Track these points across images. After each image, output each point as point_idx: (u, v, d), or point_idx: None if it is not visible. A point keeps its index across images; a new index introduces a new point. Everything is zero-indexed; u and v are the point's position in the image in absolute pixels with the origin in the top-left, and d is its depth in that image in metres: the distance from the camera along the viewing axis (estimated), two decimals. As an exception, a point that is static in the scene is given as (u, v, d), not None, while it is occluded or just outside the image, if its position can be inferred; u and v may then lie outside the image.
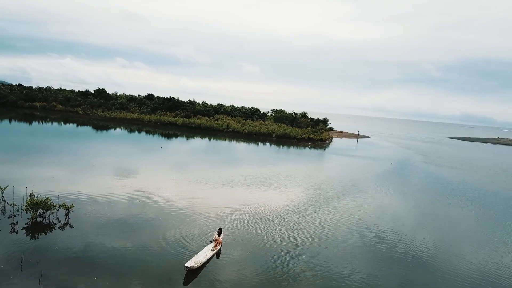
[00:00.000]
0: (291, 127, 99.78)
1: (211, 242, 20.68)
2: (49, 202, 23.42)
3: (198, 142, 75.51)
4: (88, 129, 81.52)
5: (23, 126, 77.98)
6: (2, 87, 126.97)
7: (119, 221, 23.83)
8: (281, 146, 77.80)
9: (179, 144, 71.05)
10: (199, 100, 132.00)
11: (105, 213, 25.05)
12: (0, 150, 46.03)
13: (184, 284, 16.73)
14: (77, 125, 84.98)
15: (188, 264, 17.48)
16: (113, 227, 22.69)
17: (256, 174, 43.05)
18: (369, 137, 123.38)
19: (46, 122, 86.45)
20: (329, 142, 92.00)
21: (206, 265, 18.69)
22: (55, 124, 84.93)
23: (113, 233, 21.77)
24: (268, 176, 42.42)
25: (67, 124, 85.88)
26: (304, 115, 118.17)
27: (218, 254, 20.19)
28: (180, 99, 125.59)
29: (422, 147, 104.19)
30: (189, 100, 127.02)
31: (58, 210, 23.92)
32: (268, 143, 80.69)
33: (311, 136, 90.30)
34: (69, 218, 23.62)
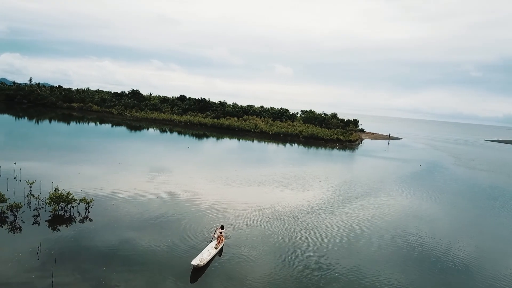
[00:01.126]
0: (319, 128, 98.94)
1: (211, 241, 20.82)
2: (70, 196, 24.62)
3: (224, 142, 76.43)
4: (120, 129, 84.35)
5: (61, 126, 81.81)
6: (43, 88, 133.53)
7: (136, 216, 24.64)
8: (307, 147, 77.37)
9: (206, 144, 72.20)
10: (232, 102, 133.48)
11: (124, 208, 25.96)
12: (36, 148, 48.61)
13: (190, 282, 16.92)
14: (112, 125, 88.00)
15: (194, 262, 17.65)
16: (130, 222, 23.46)
17: (276, 174, 43.13)
18: (401, 138, 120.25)
19: (82, 122, 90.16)
20: (358, 144, 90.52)
21: (212, 263, 18.86)
22: (92, 124, 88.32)
23: (128, 228, 22.53)
24: (288, 176, 42.40)
25: (103, 124, 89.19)
26: (334, 116, 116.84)
27: (220, 251, 20.28)
28: (211, 100, 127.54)
29: (455, 149, 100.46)
30: (219, 101, 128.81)
31: (79, 204, 25.10)
32: (294, 144, 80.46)
33: (340, 137, 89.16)
34: (89, 212, 24.69)
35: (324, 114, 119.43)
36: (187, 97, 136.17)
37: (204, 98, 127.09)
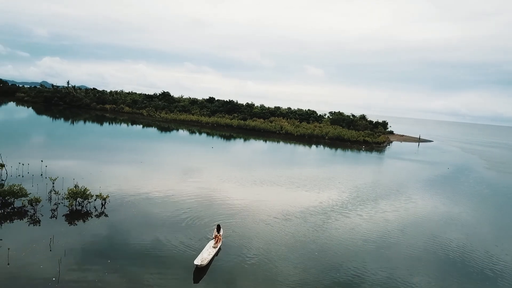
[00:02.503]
0: (346, 130, 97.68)
1: (212, 239, 20.90)
2: (87, 192, 25.71)
3: (247, 143, 76.94)
4: (148, 130, 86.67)
5: (94, 126, 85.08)
6: (78, 90, 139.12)
7: (149, 213, 25.33)
8: (332, 148, 76.62)
9: (229, 145, 72.97)
10: (262, 103, 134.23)
11: (139, 206, 26.71)
12: (65, 147, 50.85)
13: (194, 282, 16.89)
14: (143, 126, 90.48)
15: (196, 262, 17.77)
16: (142, 219, 24.11)
17: (292, 175, 43.05)
18: (432, 141, 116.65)
19: (114, 123, 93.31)
20: (386, 146, 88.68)
21: (215, 262, 19.00)
22: (124, 125, 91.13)
23: (140, 225, 23.19)
24: (305, 177, 42.21)
25: (134, 126, 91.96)
26: (362, 117, 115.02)
27: (219, 250, 20.32)
28: (238, 102, 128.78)
29: (488, 152, 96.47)
30: (247, 103, 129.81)
31: (95, 200, 26.15)
32: (319, 146, 79.89)
33: (366, 139, 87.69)
34: (104, 208, 25.67)
35: (353, 115, 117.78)
36: (216, 99, 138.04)
37: (232, 100, 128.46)
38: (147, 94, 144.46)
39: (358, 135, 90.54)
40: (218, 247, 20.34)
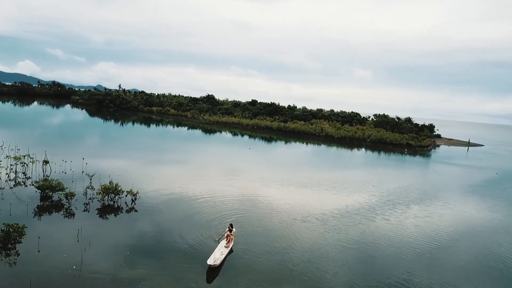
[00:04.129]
0: (388, 133, 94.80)
1: (218, 240, 20.86)
2: (118, 188, 27.17)
3: (284, 145, 77.00)
4: (190, 131, 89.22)
5: (141, 128, 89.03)
6: (127, 93, 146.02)
7: (176, 211, 26.32)
8: (372, 151, 74.77)
9: (267, 146, 73.43)
10: (309, 106, 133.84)
11: (168, 203, 27.74)
12: (108, 146, 53.78)
13: (207, 282, 16.94)
14: (188, 128, 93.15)
15: (209, 262, 17.74)
16: (169, 216, 25.06)
17: (323, 177, 42.55)
18: (483, 145, 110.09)
19: (161, 125, 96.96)
20: (431, 149, 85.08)
21: (227, 262, 19.07)
22: (169, 127, 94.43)
23: (167, 221, 24.18)
24: (336, 179, 41.64)
25: (178, 127, 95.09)
26: (408, 120, 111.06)
27: (231, 250, 20.34)
28: (280, 105, 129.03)
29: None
30: (288, 105, 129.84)
31: (126, 195, 27.57)
32: (360, 148, 78.24)
33: (410, 142, 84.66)
34: (134, 204, 27.00)
35: (398, 118, 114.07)
36: (259, 101, 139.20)
37: (274, 103, 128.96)
38: (191, 96, 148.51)
39: (401, 138, 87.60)
40: (230, 246, 20.38)
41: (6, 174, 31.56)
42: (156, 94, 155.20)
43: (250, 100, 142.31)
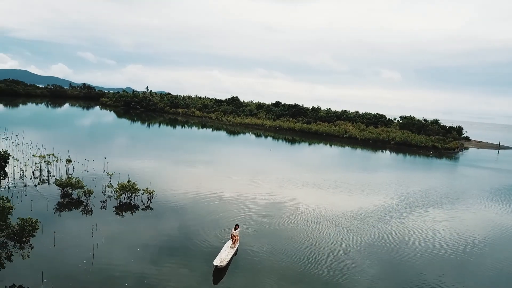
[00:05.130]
0: (414, 135, 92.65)
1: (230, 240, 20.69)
2: (135, 187, 27.90)
3: (306, 146, 76.59)
4: (214, 133, 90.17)
5: (167, 129, 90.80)
6: (154, 95, 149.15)
7: (190, 210, 26.73)
8: (396, 153, 73.32)
9: (288, 148, 73.29)
10: (334, 107, 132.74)
11: (183, 202, 28.21)
12: (130, 147, 55.16)
13: (213, 283, 16.93)
14: (212, 130, 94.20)
15: (216, 263, 17.72)
16: (183, 215, 25.55)
17: (340, 179, 42.10)
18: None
19: (186, 126, 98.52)
20: (458, 152, 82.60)
21: (233, 263, 19.00)
22: (195, 128, 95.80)
23: (180, 219, 24.66)
24: (354, 181, 41.13)
25: (202, 129, 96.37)
26: (435, 122, 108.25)
27: (236, 251, 20.27)
28: (304, 106, 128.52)
29: None
30: (312, 106, 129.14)
31: (142, 194, 28.28)
32: (383, 150, 76.88)
33: (436, 144, 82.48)
34: (150, 202, 27.67)
35: (425, 120, 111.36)
36: (282, 103, 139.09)
37: (297, 104, 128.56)
38: (215, 98, 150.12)
39: (427, 140, 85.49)
40: (236, 247, 20.37)
41: (32, 172, 32.97)
42: (182, 96, 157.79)
43: (274, 102, 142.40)
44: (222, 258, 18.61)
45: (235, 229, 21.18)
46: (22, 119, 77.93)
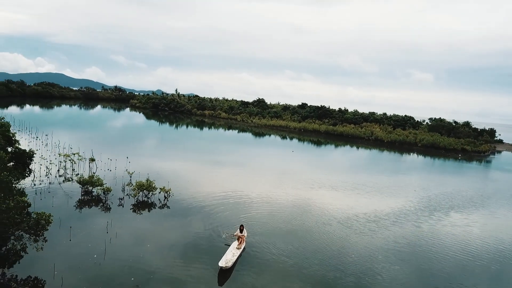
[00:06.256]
0: (443, 137, 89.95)
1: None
2: (152, 185, 28.65)
3: (329, 148, 75.83)
4: (239, 134, 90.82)
5: (193, 130, 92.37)
6: (182, 97, 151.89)
7: (204, 209, 27.16)
8: (424, 156, 71.45)
9: (311, 149, 72.83)
10: (363, 110, 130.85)
11: (200, 202, 28.62)
12: (157, 147, 56.46)
13: (218, 284, 16.86)
14: (238, 131, 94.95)
15: (221, 264, 17.64)
16: (198, 215, 25.87)
17: (359, 181, 41.40)
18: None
19: (212, 128, 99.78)
20: (489, 155, 79.58)
21: (239, 265, 18.89)
22: (220, 129, 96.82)
23: (194, 218, 25.12)
24: (373, 184, 40.38)
25: (228, 130, 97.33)
26: (466, 124, 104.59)
27: (242, 251, 20.23)
28: (332, 108, 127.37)
29: None
30: (339, 108, 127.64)
31: (159, 192, 29.01)
32: (410, 153, 75.10)
33: (465, 147, 79.82)
34: (167, 200, 28.36)
35: (455, 122, 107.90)
36: (309, 104, 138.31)
37: (323, 106, 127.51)
38: (242, 100, 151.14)
39: (456, 143, 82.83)
40: (242, 248, 20.25)
41: (57, 170, 34.43)
42: (209, 98, 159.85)
43: (300, 103, 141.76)
44: (228, 259, 18.55)
45: (241, 230, 21.24)
46: (53, 120, 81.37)
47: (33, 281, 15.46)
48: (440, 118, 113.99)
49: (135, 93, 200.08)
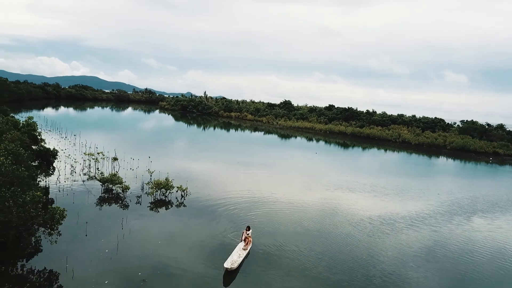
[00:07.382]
0: (475, 140, 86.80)
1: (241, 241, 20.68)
2: (170, 184, 29.37)
3: (353, 151, 74.82)
4: (264, 136, 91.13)
5: (219, 132, 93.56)
6: (210, 99, 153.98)
7: (220, 207, 27.59)
8: (453, 159, 69.29)
9: (335, 151, 72.06)
10: (396, 112, 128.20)
11: (215, 201, 29.05)
12: (180, 147, 57.59)
13: (224, 285, 16.82)
14: (264, 133, 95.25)
15: (226, 265, 17.55)
16: (212, 214, 26.30)
17: (379, 183, 40.66)
18: None
19: (238, 130, 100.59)
20: (524, 159, 76.18)
21: (244, 266, 18.84)
22: (245, 131, 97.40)
23: (208, 217, 25.57)
24: (393, 186, 39.69)
25: (254, 132, 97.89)
26: (500, 127, 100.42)
27: (248, 253, 20.16)
28: (358, 109, 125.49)
29: None
30: (367, 110, 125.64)
31: (177, 191, 29.70)
32: (437, 156, 72.97)
33: (498, 150, 76.80)
34: (184, 199, 29.00)
35: (488, 124, 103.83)
36: (336, 106, 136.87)
37: (351, 107, 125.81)
38: (268, 102, 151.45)
39: (488, 146, 79.79)
40: (248, 249, 20.18)
41: (81, 168, 35.85)
42: (236, 100, 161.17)
43: (327, 105, 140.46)
44: (233, 260, 18.46)
45: (247, 230, 21.24)
46: (84, 121, 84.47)
47: (47, 273, 16.28)
48: (472, 120, 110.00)
49: (165, 95, 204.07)
